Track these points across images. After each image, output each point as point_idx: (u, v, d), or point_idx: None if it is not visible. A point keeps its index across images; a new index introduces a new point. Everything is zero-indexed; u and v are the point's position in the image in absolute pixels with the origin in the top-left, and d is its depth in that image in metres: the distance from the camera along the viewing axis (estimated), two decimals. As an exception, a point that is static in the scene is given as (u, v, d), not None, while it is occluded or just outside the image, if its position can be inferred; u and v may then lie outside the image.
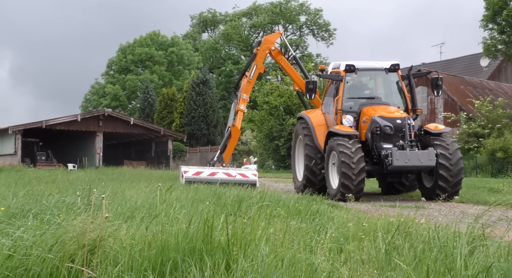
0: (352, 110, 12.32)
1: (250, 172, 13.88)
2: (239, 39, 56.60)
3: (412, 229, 4.49)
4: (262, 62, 15.87)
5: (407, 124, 11.18)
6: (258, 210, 5.73)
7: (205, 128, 42.82)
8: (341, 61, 12.89)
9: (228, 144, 15.35)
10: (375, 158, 11.44)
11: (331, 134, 11.78)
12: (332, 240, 4.32)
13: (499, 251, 3.25)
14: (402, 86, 12.51)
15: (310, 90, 12.60)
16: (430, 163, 10.83)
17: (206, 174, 13.33)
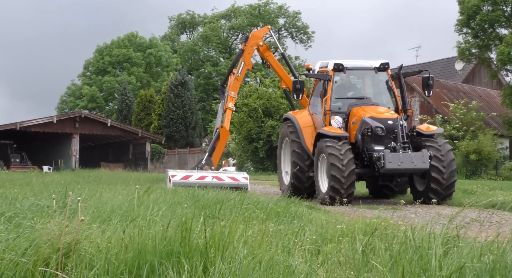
0: (341, 111, 11.87)
1: (241, 175, 13.28)
2: (218, 41, 56.53)
3: (388, 231, 4.53)
4: (250, 58, 15.30)
5: (399, 125, 10.79)
6: (237, 212, 5.72)
7: (184, 130, 42.64)
8: (329, 60, 12.44)
9: (217, 146, 14.74)
10: (365, 161, 11.02)
11: (320, 136, 11.35)
12: (310, 242, 4.33)
13: (472, 251, 3.31)
14: (392, 86, 12.14)
15: (298, 90, 12.10)
16: (423, 165, 10.42)
17: (195, 178, 12.70)
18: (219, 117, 14.97)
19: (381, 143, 10.84)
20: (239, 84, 15.38)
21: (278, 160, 13.55)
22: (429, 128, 11.39)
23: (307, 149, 12.05)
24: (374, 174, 10.97)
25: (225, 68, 54.68)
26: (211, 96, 53.45)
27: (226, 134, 14.83)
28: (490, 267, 2.92)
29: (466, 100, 29.49)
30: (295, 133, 12.39)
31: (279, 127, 29.75)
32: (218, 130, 14.65)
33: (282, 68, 15.40)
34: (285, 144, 13.11)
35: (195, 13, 61.15)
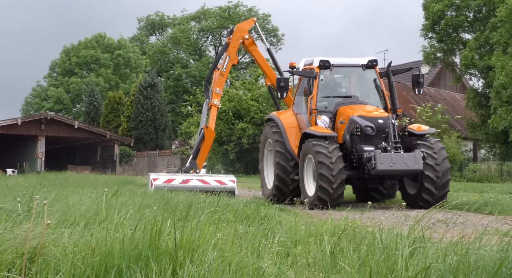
0: (328, 110, 11.27)
1: (228, 178, 12.47)
2: (188, 43, 56.26)
3: (357, 232, 4.59)
4: (236, 53, 14.40)
5: (390, 124, 10.20)
6: (207, 214, 5.70)
7: (153, 132, 42.30)
8: (314, 57, 11.83)
9: (202, 148, 13.81)
10: (354, 162, 10.43)
11: (306, 136, 10.73)
12: (279, 244, 4.35)
13: (437, 252, 3.38)
14: (381, 84, 11.55)
15: (282, 88, 11.38)
16: (417, 166, 9.82)
17: (178, 181, 11.97)
18: (204, 117, 14.11)
19: (371, 143, 10.29)
20: (224, 80, 14.58)
21: (260, 163, 12.90)
22: (420, 128, 10.84)
23: (291, 150, 11.53)
24: (364, 176, 10.39)
25: (195, 70, 54.51)
26: (181, 98, 53.14)
27: (211, 135, 13.98)
28: (454, 267, 2.99)
29: (432, 104, 30.13)
30: (278, 133, 11.86)
31: (249, 129, 29.88)
32: (202, 131, 13.81)
33: (267, 64, 14.76)
34: (268, 146, 12.59)
35: (164, 14, 60.77)
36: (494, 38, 25.50)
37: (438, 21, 29.83)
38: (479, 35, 28.25)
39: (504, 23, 24.83)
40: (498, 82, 24.65)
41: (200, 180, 12.19)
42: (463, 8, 30.03)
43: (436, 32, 30.19)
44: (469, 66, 28.25)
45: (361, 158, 10.23)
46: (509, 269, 2.83)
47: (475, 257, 3.07)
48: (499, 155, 28.45)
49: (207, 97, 14.16)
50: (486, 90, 28.98)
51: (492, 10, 27.81)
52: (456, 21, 29.50)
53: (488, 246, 3.38)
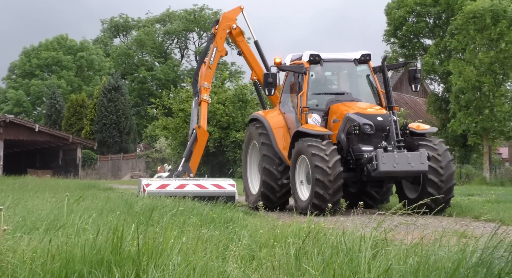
0: (319, 108, 10.48)
1: (227, 182, 11.42)
2: (153, 45, 55.75)
3: (321, 235, 4.63)
4: (223, 43, 13.29)
5: (392, 121, 9.44)
6: (171, 218, 5.65)
7: (117, 135, 41.74)
8: (303, 52, 11.01)
9: (194, 150, 12.62)
10: (351, 163, 9.65)
11: (299, 135, 9.91)
12: (244, 248, 4.35)
13: (399, 254, 3.44)
14: (374, 80, 10.81)
15: (269, 85, 10.52)
16: (422, 167, 9.06)
17: (173, 187, 11.01)
18: (194, 116, 12.85)
19: (369, 142, 9.52)
20: (213, 73, 13.51)
21: (243, 167, 11.99)
22: (419, 127, 10.05)
23: (279, 152, 10.68)
24: (361, 179, 9.62)
25: (161, 73, 54.07)
26: (146, 101, 52.57)
27: (205, 135, 12.79)
28: (415, 268, 3.06)
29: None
30: (265, 135, 10.96)
31: (215, 133, 29.78)
32: (194, 132, 12.58)
33: (255, 58, 13.54)
34: (252, 148, 11.65)
35: (129, 16, 60.06)
36: (452, 44, 26.26)
37: (400, 27, 30.52)
38: (439, 41, 29.04)
39: (460, 30, 25.60)
40: (456, 88, 25.38)
41: (197, 185, 11.23)
42: (424, 14, 30.82)
43: (398, 38, 30.88)
44: (429, 71, 28.98)
45: (359, 159, 9.47)
46: (466, 269, 2.91)
47: (434, 258, 3.15)
48: (458, 158, 29.22)
49: (196, 94, 13.14)
50: (446, 95, 29.77)
51: (451, 16, 28.61)
52: (417, 27, 30.25)
53: (446, 247, 3.46)
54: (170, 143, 33.70)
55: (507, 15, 24.94)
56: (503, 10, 25.01)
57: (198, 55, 58.36)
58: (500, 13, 24.96)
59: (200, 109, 12.88)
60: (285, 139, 10.77)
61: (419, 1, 30.15)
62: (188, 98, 31.10)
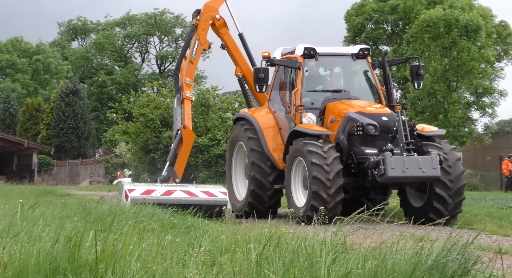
0: (314, 106, 9.66)
1: (217, 189, 10.35)
2: (113, 49, 54.92)
3: (282, 240, 4.65)
4: (206, 35, 12.14)
5: (400, 121, 8.48)
6: (131, 225, 5.57)
7: (75, 140, 40.94)
8: (296, 45, 10.14)
9: (180, 153, 11.49)
10: (352, 168, 8.82)
11: (295, 135, 9.10)
12: (205, 253, 4.33)
13: (358, 258, 3.50)
14: (373, 76, 10.06)
15: (260, 81, 9.62)
16: (433, 172, 8.18)
17: (159, 193, 10.04)
18: (178, 115, 11.77)
19: (373, 144, 8.71)
20: (195, 68, 12.40)
21: (227, 170, 11.20)
22: (424, 129, 9.02)
23: (270, 155, 9.86)
24: (364, 185, 8.79)
25: (121, 77, 53.28)
26: (106, 105, 51.67)
27: (191, 137, 11.68)
28: (373, 272, 3.11)
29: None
30: (253, 135, 10.09)
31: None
32: (179, 133, 11.44)
33: (240, 51, 12.45)
34: (238, 150, 10.78)
35: (87, 19, 58.99)
36: (408, 52, 26.99)
37: (359, 33, 31.18)
38: (396, 48, 29.80)
39: (416, 38, 26.36)
40: (412, 95, 26.08)
41: (185, 191, 10.21)
42: (382, 22, 31.56)
43: (357, 44, 31.49)
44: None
45: (362, 163, 8.63)
46: (422, 272, 2.99)
47: (392, 261, 3.21)
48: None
49: (178, 92, 12.01)
50: (404, 101, 30.51)
51: (408, 24, 29.40)
52: (375, 34, 30.98)
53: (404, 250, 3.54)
54: (130, 148, 33.26)
55: (459, 24, 25.83)
56: (455, 19, 25.90)
57: (159, 59, 58.01)
58: (452, 22, 25.84)
59: (183, 107, 11.76)
60: (276, 139, 10.01)
61: (377, 9, 30.89)
62: (149, 103, 30.79)
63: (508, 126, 56.36)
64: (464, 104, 28.27)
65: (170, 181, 11.20)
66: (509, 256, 5.99)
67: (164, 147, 29.78)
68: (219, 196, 10.07)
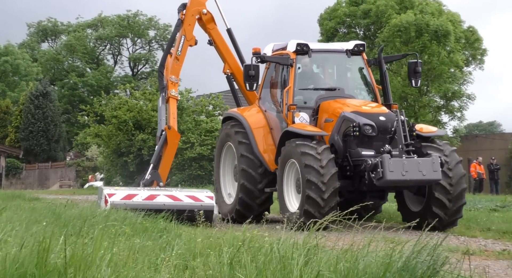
0: (307, 105, 9.25)
1: (204, 194, 9.78)
2: (84, 51, 54.16)
3: (255, 243, 4.65)
4: (192, 31, 11.50)
5: (399, 122, 8.09)
6: (102, 229, 5.49)
7: (45, 143, 40.22)
8: (288, 41, 9.72)
9: (164, 155, 10.88)
10: (348, 170, 8.43)
11: (288, 136, 8.70)
12: (178, 257, 4.29)
13: (330, 260, 3.52)
14: (369, 73, 9.64)
15: (251, 78, 9.17)
16: (434, 175, 7.80)
17: (142, 197, 9.49)
18: (162, 115, 11.16)
19: (370, 146, 8.32)
20: (181, 66, 11.66)
21: (215, 174, 10.76)
22: (422, 129, 8.62)
23: (260, 156, 9.45)
24: (360, 188, 8.42)
25: (92, 79, 52.59)
26: (77, 107, 50.90)
27: (176, 138, 11.05)
28: (344, 274, 3.14)
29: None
30: (243, 135, 9.68)
31: (150, 140, 29.24)
32: (164, 133, 10.84)
33: (228, 48, 11.84)
34: (227, 151, 10.39)
35: (58, 20, 58.02)
36: (380, 56, 27.39)
37: (332, 37, 31.47)
38: (368, 52, 30.15)
39: (387, 42, 26.75)
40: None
41: (169, 196, 9.63)
42: (354, 26, 31.93)
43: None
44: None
45: (358, 165, 8.26)
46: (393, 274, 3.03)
47: (363, 263, 3.24)
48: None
49: (162, 90, 11.39)
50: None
51: (380, 29, 29.82)
52: (348, 38, 31.23)
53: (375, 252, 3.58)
54: (102, 151, 32.84)
55: (429, 29, 26.32)
56: (426, 24, 26.39)
57: (132, 61, 57.45)
58: (423, 26, 26.32)
59: (168, 107, 11.20)
60: (266, 140, 9.61)
61: (349, 13, 31.25)
62: (121, 105, 30.46)
63: (476, 129, 57.62)
64: (434, 108, 28.81)
65: (154, 185, 10.64)
66: (476, 257, 6.12)
67: (137, 150, 29.49)
68: (205, 200, 9.57)
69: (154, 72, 54.05)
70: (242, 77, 10.10)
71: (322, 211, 7.76)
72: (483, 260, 5.95)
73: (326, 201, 7.93)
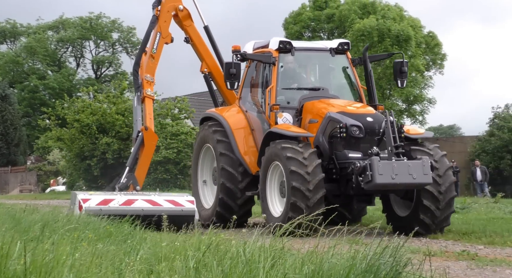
0: (290, 106, 8.93)
1: (184, 198, 9.33)
2: (45, 53, 52.99)
3: (221, 246, 4.64)
4: (168, 28, 11.08)
5: (388, 122, 7.71)
6: (64, 234, 5.38)
7: (5, 147, 39.26)
8: (270, 38, 9.44)
9: (141, 157, 10.37)
10: (334, 173, 8.11)
11: (271, 138, 8.35)
12: (142, 262, 4.24)
13: (295, 262, 3.54)
14: (354, 73, 9.39)
15: (232, 77, 8.80)
16: (425, 179, 7.48)
17: (119, 203, 9.04)
18: (138, 116, 10.64)
19: (357, 148, 8.02)
20: (157, 64, 11.18)
21: (193, 177, 10.30)
22: (409, 131, 8.18)
23: (241, 158, 9.10)
24: (347, 192, 8.09)
25: (54, 82, 51.48)
26: (38, 111, 49.71)
27: (153, 139, 10.53)
28: (310, 276, 3.16)
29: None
30: (222, 138, 9.30)
31: (114, 144, 28.82)
32: (140, 135, 10.37)
33: (205, 46, 11.43)
34: (206, 152, 9.99)
35: (17, 22, 56.61)
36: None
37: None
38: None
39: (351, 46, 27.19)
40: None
41: (148, 201, 9.18)
42: (318, 30, 32.30)
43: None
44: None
45: (345, 168, 7.94)
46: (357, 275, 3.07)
47: (328, 265, 3.28)
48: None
49: (137, 89, 10.88)
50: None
51: (343, 33, 30.25)
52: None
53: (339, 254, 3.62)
54: (64, 155, 32.20)
55: (391, 33, 26.88)
56: (387, 29, 26.94)
57: (95, 64, 56.51)
58: (385, 31, 26.87)
59: (144, 107, 10.70)
60: (247, 141, 9.25)
61: (313, 17, 31.59)
62: (84, 108, 29.94)
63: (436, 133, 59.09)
64: (397, 112, 29.38)
65: (130, 189, 10.15)
66: (437, 258, 6.26)
67: (101, 153, 29.05)
68: (186, 205, 9.14)
69: (118, 75, 53.38)
70: (220, 76, 9.84)
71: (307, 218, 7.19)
72: (443, 261, 6.08)
73: (311, 208, 7.53)
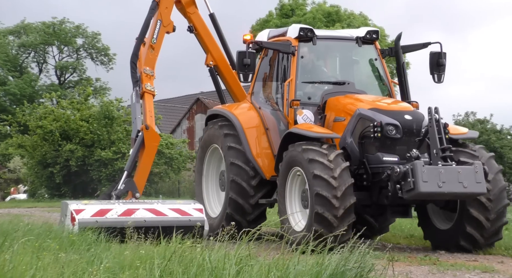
0: (312, 102, 7.91)
1: (191, 206, 8.19)
2: (6, 58, 51.77)
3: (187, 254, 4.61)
4: (169, 15, 9.87)
5: (433, 121, 6.65)
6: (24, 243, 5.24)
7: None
8: (287, 26, 8.50)
9: (141, 160, 9.18)
10: (365, 180, 7.05)
11: (290, 139, 7.27)
12: (106, 270, 4.18)
13: (261, 269, 3.54)
14: (383, 65, 8.34)
15: (246, 68, 7.74)
16: (478, 188, 6.41)
17: (117, 213, 7.92)
18: (137, 113, 9.43)
19: (392, 150, 6.97)
20: (157, 55, 10.01)
21: (197, 181, 9.21)
22: (450, 130, 6.97)
23: (254, 161, 8.01)
24: (381, 202, 7.02)
25: (15, 88, 50.29)
26: (-2, 117, 48.49)
27: (155, 140, 9.28)
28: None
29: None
30: (233, 139, 8.19)
31: (78, 151, 28.29)
32: (140, 134, 9.13)
33: (211, 36, 10.23)
34: (212, 154, 8.93)
35: (-24, 27, 55.16)
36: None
37: (265, 49, 31.94)
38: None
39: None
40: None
41: (151, 210, 8.09)
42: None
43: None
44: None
45: (378, 173, 6.87)
46: (322, 281, 3.10)
47: (294, 272, 3.29)
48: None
49: (136, 84, 9.59)
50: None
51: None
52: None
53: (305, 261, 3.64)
54: (26, 162, 31.49)
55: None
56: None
57: (58, 70, 55.52)
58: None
59: (143, 103, 9.49)
60: (260, 142, 8.17)
61: (280, 25, 31.84)
62: (47, 115, 29.35)
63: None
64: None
65: (129, 196, 8.99)
66: (400, 263, 6.37)
67: (64, 160, 28.54)
68: (193, 214, 8.06)
69: (82, 81, 52.56)
70: (227, 70, 9.07)
71: (335, 231, 5.88)
72: (406, 266, 6.19)
73: (340, 219, 6.58)
